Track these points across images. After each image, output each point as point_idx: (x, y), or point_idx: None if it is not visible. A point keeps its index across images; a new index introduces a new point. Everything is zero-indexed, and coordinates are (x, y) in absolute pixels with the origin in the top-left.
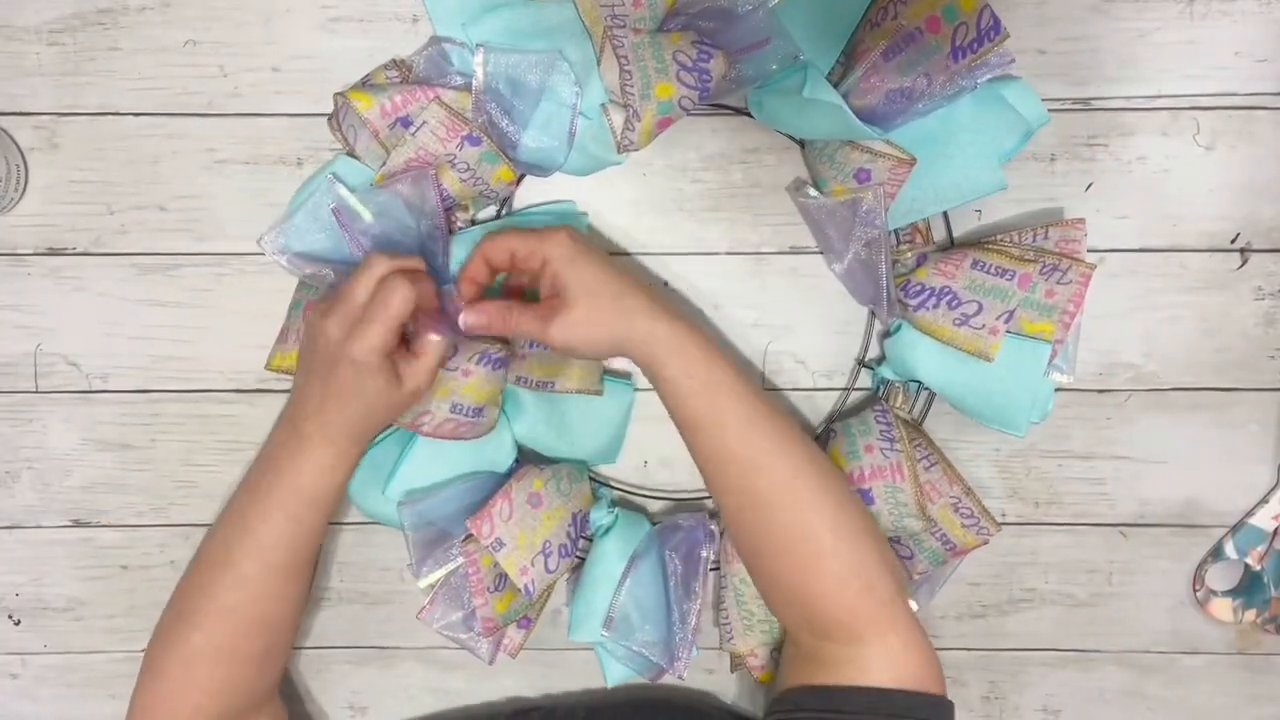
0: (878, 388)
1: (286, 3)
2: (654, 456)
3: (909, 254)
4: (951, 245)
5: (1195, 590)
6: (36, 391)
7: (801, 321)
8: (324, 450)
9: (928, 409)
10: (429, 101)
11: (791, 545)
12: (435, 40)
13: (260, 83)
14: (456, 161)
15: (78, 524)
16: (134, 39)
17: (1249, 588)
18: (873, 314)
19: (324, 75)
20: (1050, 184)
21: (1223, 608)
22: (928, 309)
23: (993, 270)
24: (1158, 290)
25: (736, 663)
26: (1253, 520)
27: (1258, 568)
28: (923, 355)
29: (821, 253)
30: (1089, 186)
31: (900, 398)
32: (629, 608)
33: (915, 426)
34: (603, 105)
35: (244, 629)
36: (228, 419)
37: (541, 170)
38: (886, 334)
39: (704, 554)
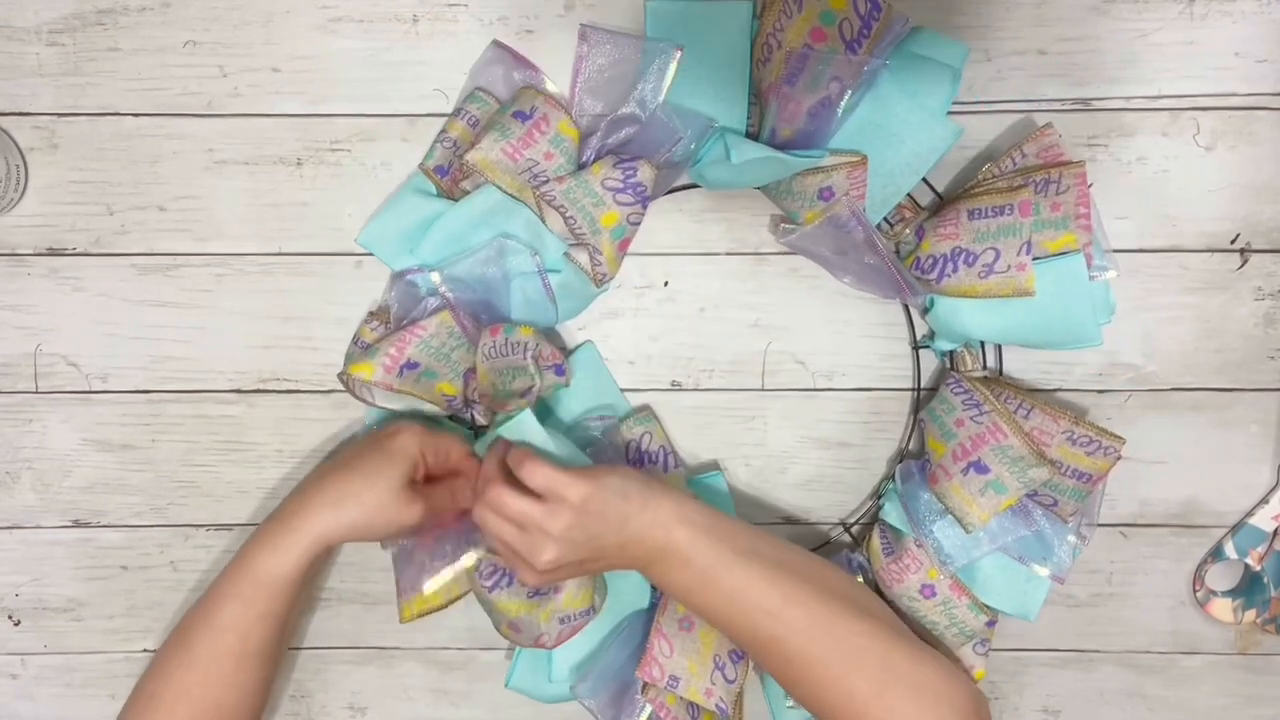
0: (943, 361)
1: (286, 3)
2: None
3: (907, 231)
4: (940, 199)
5: (1195, 590)
6: (36, 392)
7: (801, 321)
8: (285, 534)
9: (1000, 358)
10: (416, 339)
11: (827, 704)
12: (396, 276)
13: (260, 83)
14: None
15: (78, 524)
16: (134, 39)
17: (1249, 588)
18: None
19: (324, 75)
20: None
21: (1223, 608)
22: (949, 275)
23: (990, 212)
24: (1157, 290)
25: None
26: (1253, 520)
27: (1258, 568)
28: (967, 317)
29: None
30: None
31: (969, 360)
32: None
33: (996, 380)
34: (564, 254)
35: (198, 713)
36: (228, 419)
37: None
38: (925, 311)
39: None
